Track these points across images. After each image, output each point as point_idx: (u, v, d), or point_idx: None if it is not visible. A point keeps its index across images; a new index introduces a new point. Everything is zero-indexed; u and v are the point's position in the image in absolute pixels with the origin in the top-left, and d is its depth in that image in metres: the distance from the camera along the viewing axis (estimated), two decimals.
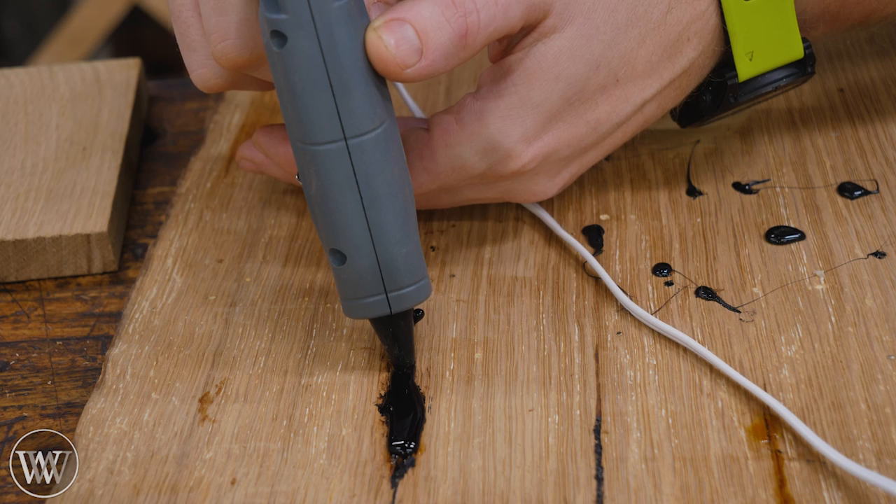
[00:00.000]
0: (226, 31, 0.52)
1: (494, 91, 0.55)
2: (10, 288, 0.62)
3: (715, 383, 0.52)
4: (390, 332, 0.53)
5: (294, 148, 0.51)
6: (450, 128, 0.55)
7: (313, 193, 0.50)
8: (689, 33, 0.56)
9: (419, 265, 0.52)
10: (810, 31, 0.59)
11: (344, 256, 0.51)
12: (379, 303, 0.51)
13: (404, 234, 0.51)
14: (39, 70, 0.75)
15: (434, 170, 0.56)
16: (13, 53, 1.82)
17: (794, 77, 0.59)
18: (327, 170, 0.50)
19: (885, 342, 0.53)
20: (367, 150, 0.49)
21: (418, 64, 0.50)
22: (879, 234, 0.59)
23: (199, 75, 0.55)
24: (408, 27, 0.50)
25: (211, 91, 0.56)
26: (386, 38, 0.49)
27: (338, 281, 0.52)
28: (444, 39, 0.50)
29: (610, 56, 0.55)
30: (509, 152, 0.55)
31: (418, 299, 0.52)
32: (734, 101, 0.59)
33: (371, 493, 0.49)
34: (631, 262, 0.59)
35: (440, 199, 0.59)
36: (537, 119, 0.55)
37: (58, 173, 0.66)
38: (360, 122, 0.49)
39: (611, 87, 0.55)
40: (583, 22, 0.54)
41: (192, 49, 0.55)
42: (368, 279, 0.51)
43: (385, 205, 0.50)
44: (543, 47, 0.54)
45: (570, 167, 0.58)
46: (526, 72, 0.54)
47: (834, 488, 0.47)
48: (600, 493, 0.48)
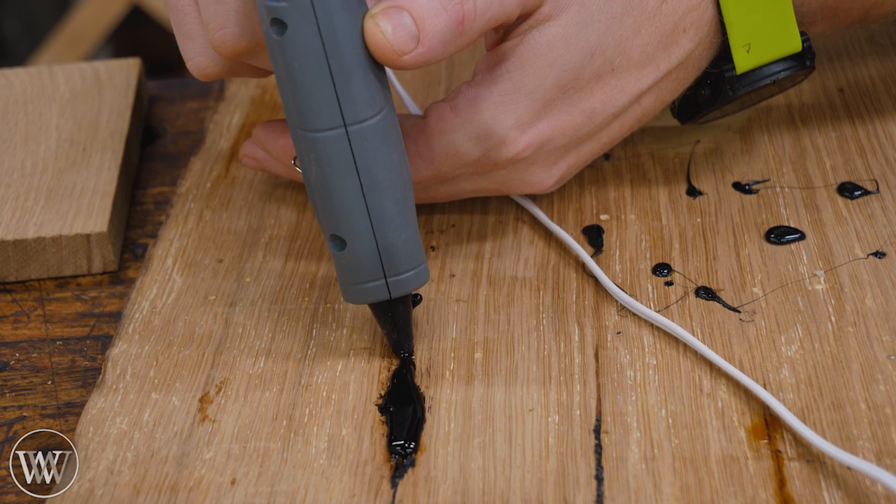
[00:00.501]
0: (224, 19, 0.52)
1: (489, 78, 0.55)
2: (10, 288, 0.62)
3: (715, 383, 0.52)
4: (389, 317, 0.53)
5: (294, 135, 0.51)
6: (445, 114, 0.55)
7: (313, 180, 0.51)
8: (684, 24, 0.56)
9: (418, 251, 0.52)
10: (809, 27, 0.59)
11: (344, 242, 0.51)
12: (378, 288, 0.52)
13: (403, 220, 0.51)
14: (39, 70, 0.75)
15: (429, 156, 0.56)
16: (13, 53, 1.82)
17: (793, 70, 0.59)
18: (327, 156, 0.50)
19: (885, 342, 0.53)
20: (367, 136, 0.50)
21: (415, 51, 0.50)
22: (879, 234, 0.59)
23: (195, 63, 0.55)
24: (405, 14, 0.50)
25: (207, 79, 0.56)
26: (383, 25, 0.49)
27: (338, 266, 0.52)
28: (441, 26, 0.51)
29: (605, 44, 0.55)
30: (503, 139, 0.55)
31: (417, 284, 0.53)
32: (732, 93, 0.59)
33: (371, 493, 0.49)
34: (631, 262, 0.59)
35: (437, 190, 0.59)
36: (531, 106, 0.55)
37: (58, 173, 0.66)
38: (360, 109, 0.49)
39: (606, 76, 0.56)
40: (578, 10, 0.54)
41: (189, 37, 0.55)
42: (368, 264, 0.51)
43: (384, 191, 0.51)
44: (538, 34, 0.54)
45: (567, 158, 0.58)
46: (520, 58, 0.55)
47: (834, 488, 0.47)
48: (600, 493, 0.48)
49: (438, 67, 0.74)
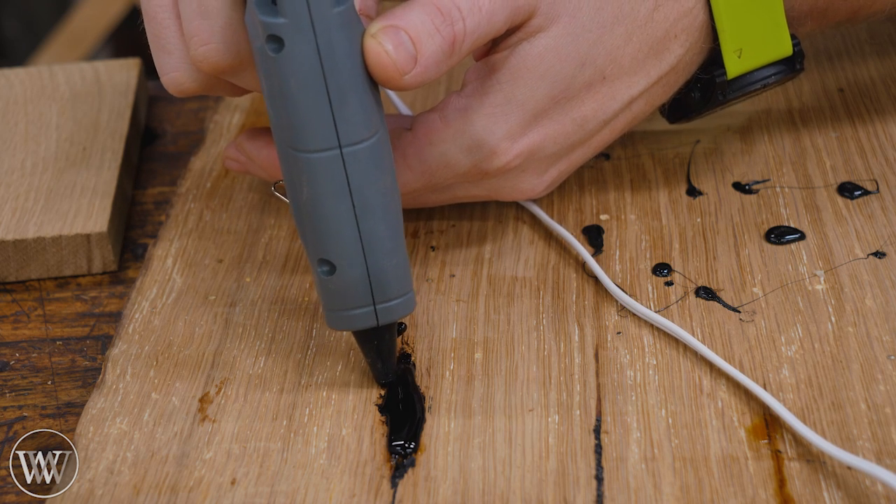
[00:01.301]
0: (209, 34, 0.52)
1: (479, 89, 0.55)
2: (10, 288, 0.62)
3: (715, 383, 0.52)
4: (374, 345, 0.52)
5: (283, 154, 0.50)
6: (434, 125, 0.55)
7: (303, 202, 0.50)
8: (676, 30, 0.56)
9: (407, 277, 0.51)
10: (798, 28, 0.59)
11: (333, 267, 0.50)
12: (366, 314, 0.51)
13: (395, 245, 0.50)
14: (39, 70, 0.75)
15: (419, 168, 0.56)
16: (13, 53, 1.82)
17: (783, 74, 0.59)
18: (320, 178, 0.49)
19: (885, 342, 0.53)
20: (362, 159, 0.49)
21: (413, 71, 0.50)
22: (879, 234, 0.59)
23: (172, 78, 0.54)
24: (403, 34, 0.50)
25: (183, 95, 0.55)
26: (385, 44, 0.49)
27: (324, 292, 0.51)
28: (435, 47, 0.50)
29: (596, 54, 0.55)
30: (494, 149, 0.55)
31: (405, 312, 0.51)
32: (723, 98, 0.59)
33: (371, 493, 0.49)
34: (631, 262, 0.59)
35: (427, 197, 0.59)
36: (522, 117, 0.55)
37: (58, 173, 0.66)
38: (356, 130, 0.48)
39: (597, 85, 0.56)
40: (568, 20, 0.54)
41: (167, 52, 0.54)
42: (358, 290, 0.50)
43: (377, 215, 0.50)
44: (529, 46, 0.54)
45: (558, 165, 0.58)
46: (511, 70, 0.54)
47: (834, 488, 0.47)
48: (600, 493, 0.48)
49: None
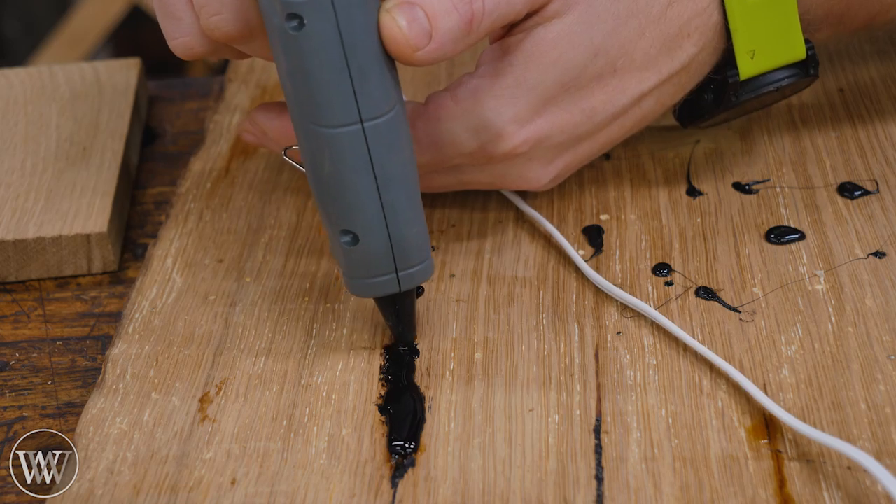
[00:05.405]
0: (220, 4, 0.52)
1: (491, 70, 0.55)
2: (10, 288, 0.62)
3: (715, 383, 0.52)
4: (395, 310, 0.54)
5: (303, 130, 0.50)
6: (445, 103, 0.56)
7: (326, 176, 0.51)
8: (689, 29, 0.56)
9: (426, 245, 0.53)
10: (814, 34, 0.59)
11: (356, 237, 0.51)
12: (389, 281, 0.52)
13: (415, 214, 0.52)
14: (39, 70, 0.75)
15: (426, 142, 0.56)
16: (13, 53, 1.82)
17: (796, 78, 0.59)
18: (343, 152, 0.50)
19: (885, 342, 0.53)
20: (383, 132, 0.50)
21: (427, 47, 0.50)
22: (879, 234, 0.59)
23: (181, 43, 0.55)
24: (418, 10, 0.50)
25: (191, 59, 0.55)
26: (399, 19, 0.49)
27: (346, 261, 0.52)
28: (452, 24, 0.51)
29: (609, 45, 0.55)
30: (501, 132, 0.55)
31: (425, 277, 0.53)
32: (735, 99, 0.59)
33: (371, 493, 0.49)
34: (631, 262, 0.59)
35: (432, 179, 0.59)
36: (531, 101, 0.55)
37: (58, 173, 0.66)
38: (377, 104, 0.49)
39: (608, 77, 0.56)
40: (584, 9, 0.55)
41: (176, 18, 0.54)
42: (381, 259, 0.52)
43: (398, 186, 0.51)
44: (543, 31, 0.55)
45: (564, 156, 0.58)
46: (524, 53, 0.55)
47: (834, 488, 0.47)
48: (600, 493, 0.48)
49: (439, 67, 0.74)
